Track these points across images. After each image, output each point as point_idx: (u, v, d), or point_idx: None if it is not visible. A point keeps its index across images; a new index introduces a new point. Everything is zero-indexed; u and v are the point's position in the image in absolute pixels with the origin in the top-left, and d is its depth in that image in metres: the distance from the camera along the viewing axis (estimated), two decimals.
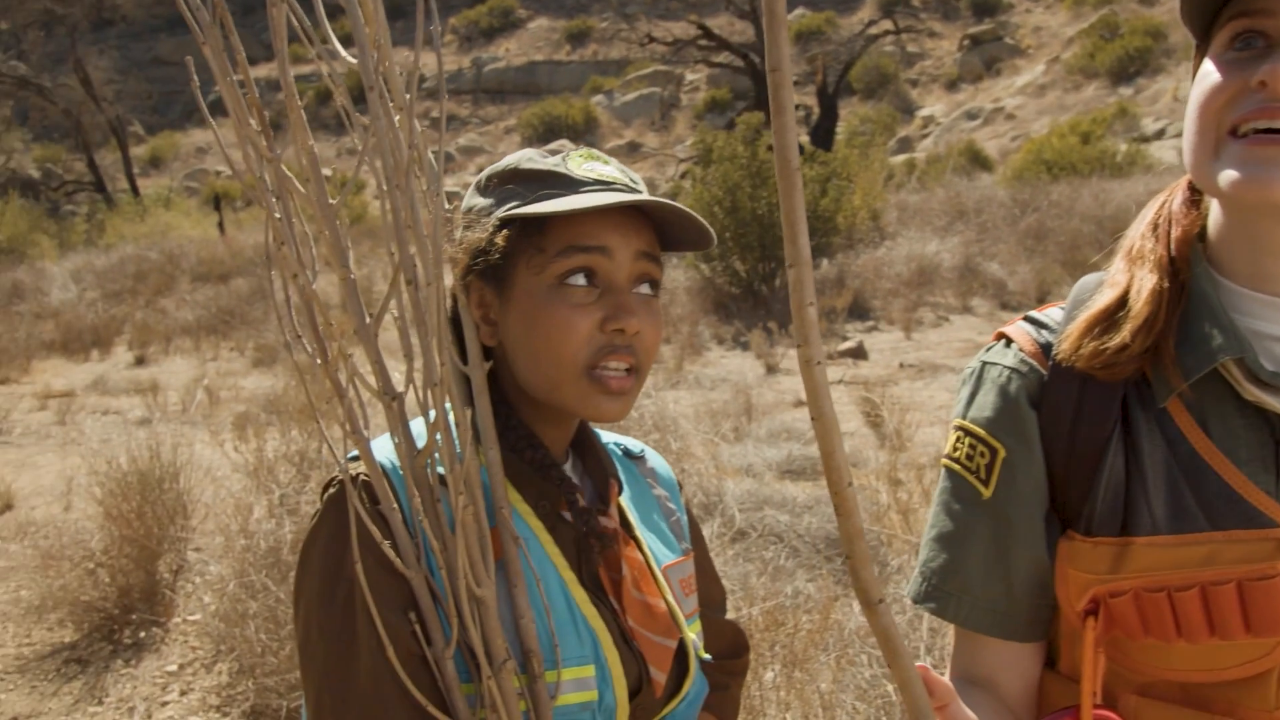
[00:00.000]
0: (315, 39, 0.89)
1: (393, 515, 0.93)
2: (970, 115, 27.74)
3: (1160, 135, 20.94)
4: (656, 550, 1.14)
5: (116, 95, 27.57)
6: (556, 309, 0.97)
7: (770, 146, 12.92)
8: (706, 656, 1.12)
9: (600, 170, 1.03)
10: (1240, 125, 0.88)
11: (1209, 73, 0.91)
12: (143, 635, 3.91)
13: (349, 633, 0.92)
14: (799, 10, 35.21)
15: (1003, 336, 1.07)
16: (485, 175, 1.06)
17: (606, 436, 1.23)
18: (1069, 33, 30.27)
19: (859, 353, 9.27)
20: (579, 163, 1.03)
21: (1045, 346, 1.03)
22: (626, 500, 1.15)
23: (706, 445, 5.76)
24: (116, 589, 4.03)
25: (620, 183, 1.03)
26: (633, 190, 1.03)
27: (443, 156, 0.90)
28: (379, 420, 0.97)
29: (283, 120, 0.93)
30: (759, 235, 11.16)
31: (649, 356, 1.03)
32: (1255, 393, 0.91)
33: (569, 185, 1.00)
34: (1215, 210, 0.99)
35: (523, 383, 1.03)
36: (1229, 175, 0.88)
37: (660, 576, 1.11)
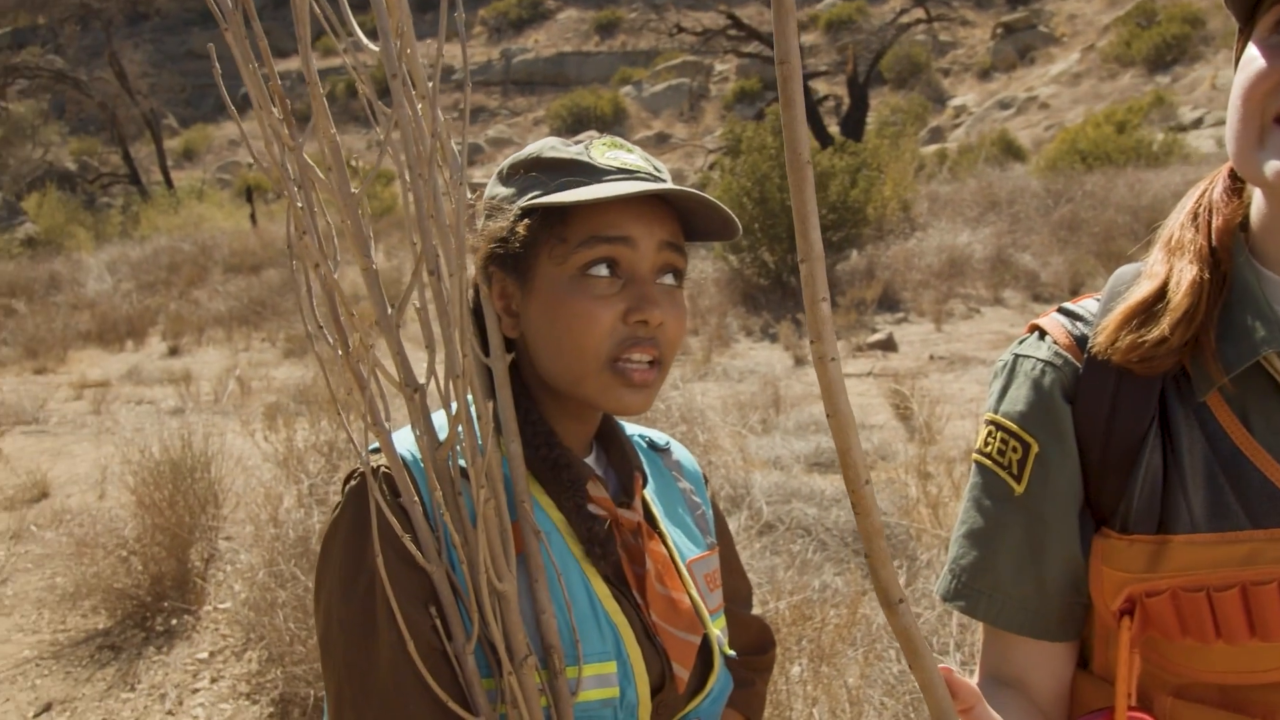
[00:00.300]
0: (340, 30, 0.88)
1: (414, 508, 0.92)
2: (1003, 105, 27.42)
3: (1198, 124, 20.59)
4: (681, 544, 1.12)
5: (151, 89, 27.87)
6: (578, 300, 0.96)
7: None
8: (731, 653, 1.11)
9: (624, 159, 1.01)
10: None
11: (1253, 58, 0.88)
12: (174, 623, 3.96)
13: (369, 626, 0.91)
14: None
15: (1036, 328, 1.04)
16: (508, 164, 1.04)
17: (631, 428, 1.21)
18: (1104, 20, 29.83)
19: (889, 345, 9.20)
20: (602, 151, 1.01)
21: (1080, 339, 1.00)
22: (651, 493, 1.13)
23: (734, 437, 5.73)
24: (149, 577, 4.07)
25: (644, 171, 1.01)
26: (657, 179, 1.01)
27: (465, 146, 0.88)
28: (403, 412, 0.96)
29: (310, 112, 0.93)
30: (787, 226, 11.08)
31: (672, 349, 1.01)
32: None
33: (592, 174, 0.98)
34: (1258, 199, 0.95)
35: (544, 375, 1.02)
36: (1275, 165, 0.85)
37: (684, 571, 1.09)
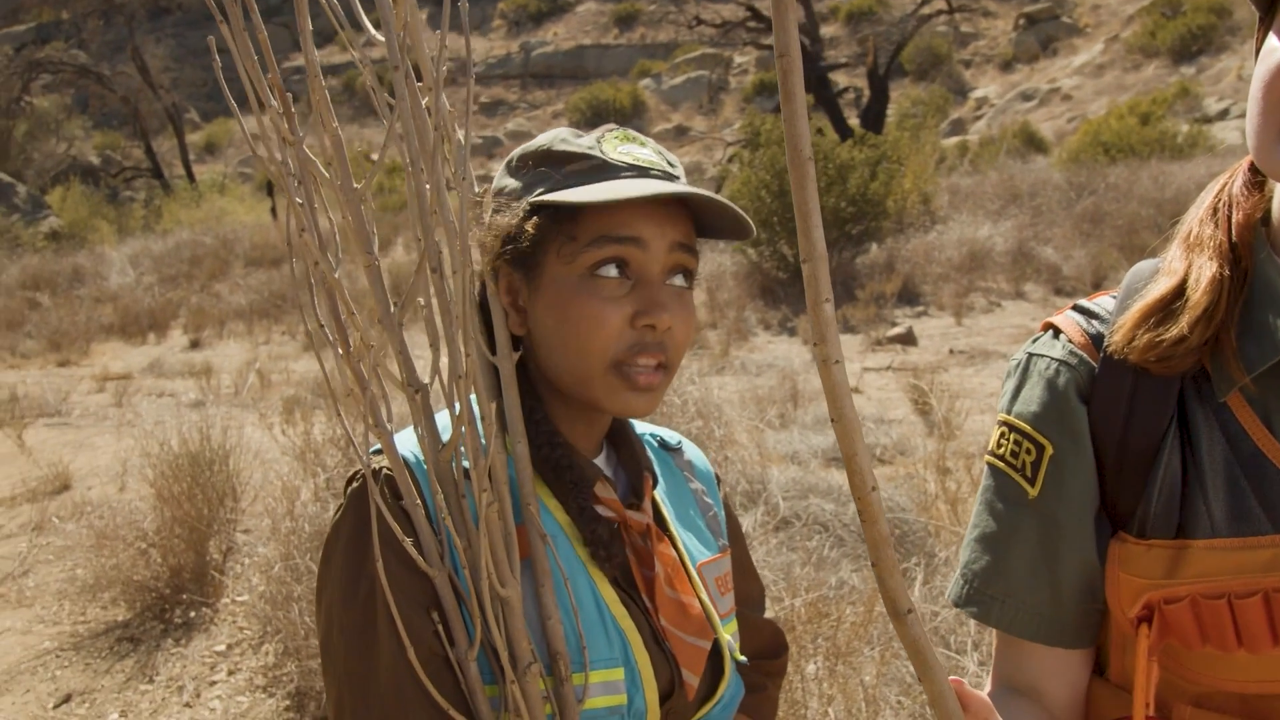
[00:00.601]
0: (346, 22, 0.87)
1: (415, 511, 0.90)
2: (1025, 96, 27.18)
3: (1223, 116, 20.35)
4: (691, 547, 1.10)
5: (173, 83, 28.05)
6: (586, 301, 0.94)
7: (820, 130, 12.79)
8: (742, 659, 1.08)
9: (636, 153, 0.98)
10: None
11: (1274, 49, 0.85)
12: (193, 615, 3.98)
13: (370, 632, 0.90)
14: None
15: (1050, 327, 1.02)
16: (517, 155, 1.01)
17: (643, 427, 1.19)
18: (1129, 10, 29.48)
19: (908, 339, 9.14)
20: (614, 145, 0.98)
21: (1096, 338, 0.97)
22: (661, 494, 1.11)
23: (751, 432, 5.71)
24: (168, 569, 4.10)
25: (657, 167, 0.98)
26: (670, 176, 0.98)
27: (469, 140, 0.87)
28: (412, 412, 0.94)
29: (311, 104, 0.91)
30: None
31: (680, 352, 0.99)
32: None
33: (604, 170, 0.96)
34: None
35: (549, 374, 1.00)
36: None
37: (695, 574, 1.06)
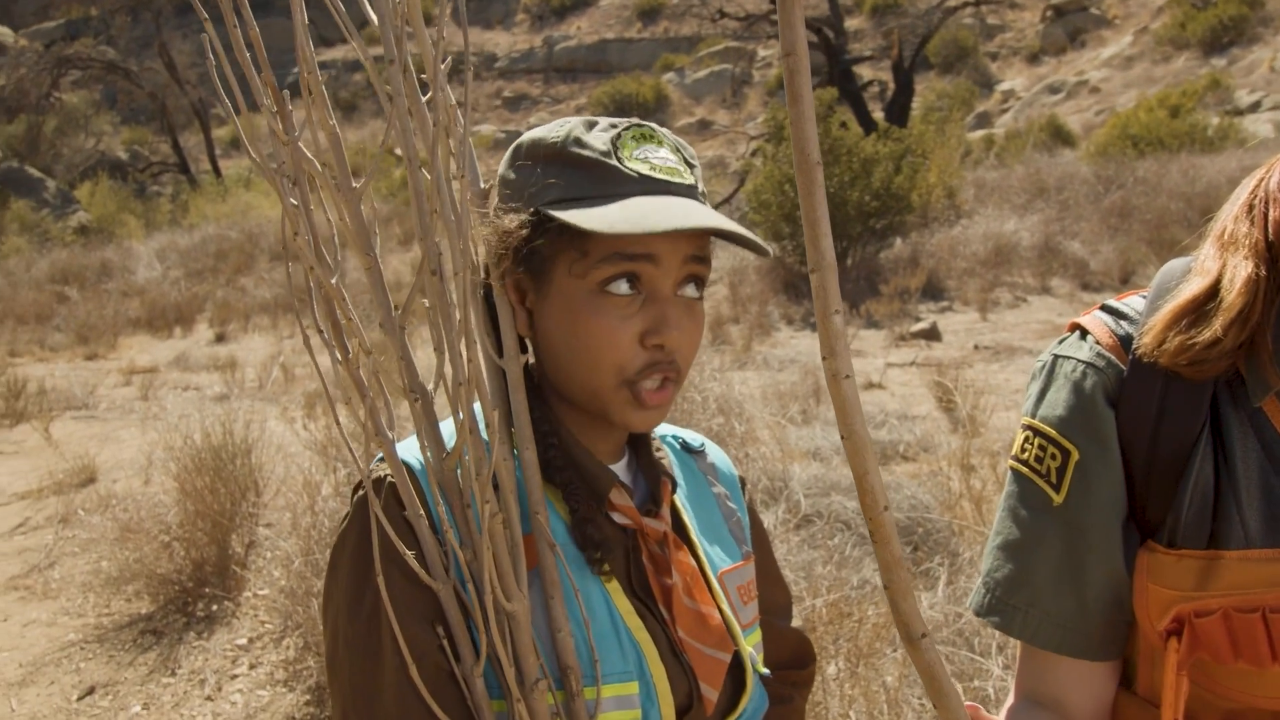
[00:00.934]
0: (344, 16, 0.85)
1: (419, 522, 0.87)
2: (1052, 89, 26.87)
3: (1255, 108, 20.02)
4: (713, 554, 1.06)
5: (199, 79, 28.23)
6: (596, 320, 0.91)
7: (844, 123, 12.69)
8: (764, 671, 1.05)
9: (653, 159, 0.94)
10: None
11: None
12: (214, 609, 4.00)
13: (375, 646, 0.88)
14: None
15: (1077, 327, 0.98)
16: (527, 143, 0.96)
17: (665, 429, 1.15)
18: (1158, 1, 29.07)
19: (932, 334, 9.06)
20: (630, 150, 0.93)
21: (1125, 339, 0.94)
22: (682, 499, 1.07)
23: (773, 428, 5.67)
24: (191, 563, 4.12)
25: (675, 176, 0.94)
26: (686, 185, 0.94)
27: (467, 137, 0.84)
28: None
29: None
30: (830, 214, 10.94)
31: (688, 363, 0.96)
32: None
33: (618, 181, 0.91)
34: None
35: (557, 382, 0.97)
36: None
37: (715, 583, 1.03)
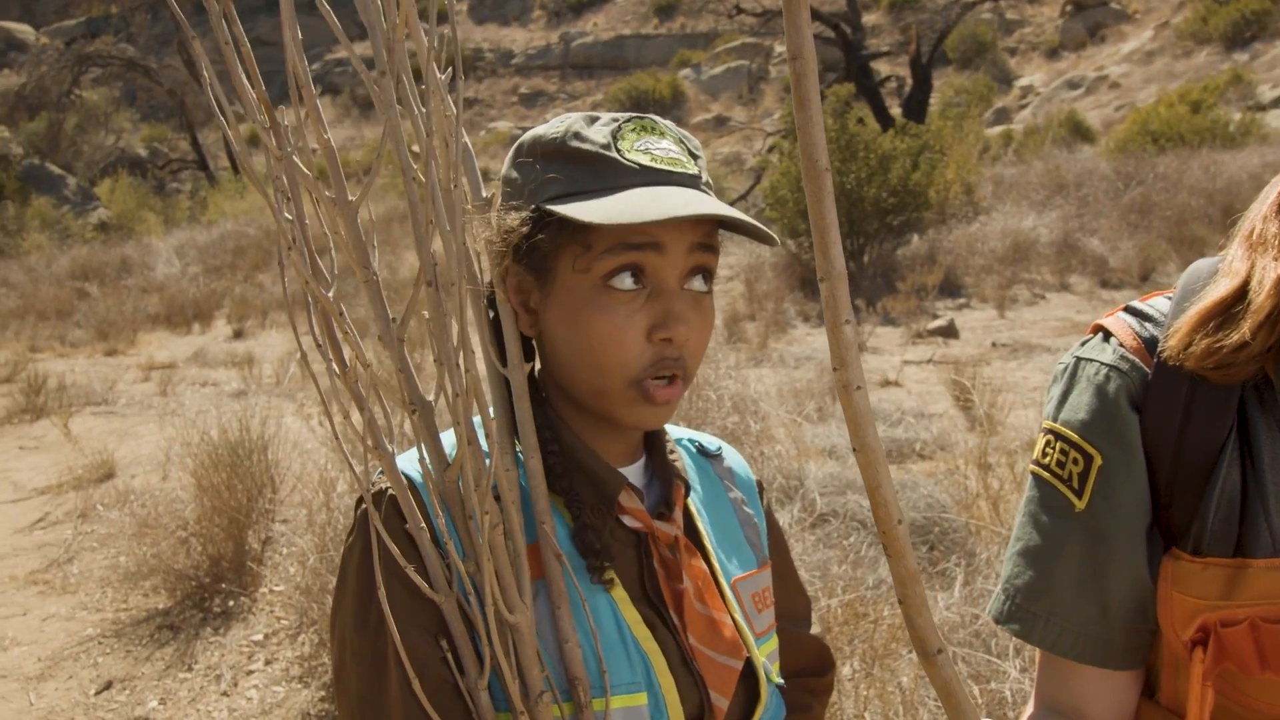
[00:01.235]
0: (333, 20, 0.84)
1: (420, 535, 0.86)
2: (1072, 85, 26.66)
3: (1278, 103, 19.80)
4: (726, 560, 1.04)
5: (219, 76, 28.37)
6: (601, 316, 0.89)
7: (861, 119, 12.63)
8: (779, 680, 1.02)
9: (655, 150, 0.92)
10: None
11: None
12: (231, 604, 4.02)
13: (381, 659, 0.87)
14: None
15: (1100, 329, 0.96)
16: (528, 141, 0.95)
17: (682, 432, 1.14)
18: None
19: (949, 331, 9.00)
20: (631, 142, 0.91)
21: (1149, 341, 0.92)
22: (697, 503, 1.05)
23: (788, 426, 5.64)
24: (208, 558, 4.14)
25: (678, 166, 0.92)
26: (689, 175, 0.92)
27: (460, 143, 0.82)
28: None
29: (296, 112, 0.88)
30: (847, 210, 10.91)
31: (697, 360, 0.94)
32: None
33: (619, 173, 0.89)
34: None
35: (563, 383, 0.95)
36: None
37: (728, 589, 1.01)
